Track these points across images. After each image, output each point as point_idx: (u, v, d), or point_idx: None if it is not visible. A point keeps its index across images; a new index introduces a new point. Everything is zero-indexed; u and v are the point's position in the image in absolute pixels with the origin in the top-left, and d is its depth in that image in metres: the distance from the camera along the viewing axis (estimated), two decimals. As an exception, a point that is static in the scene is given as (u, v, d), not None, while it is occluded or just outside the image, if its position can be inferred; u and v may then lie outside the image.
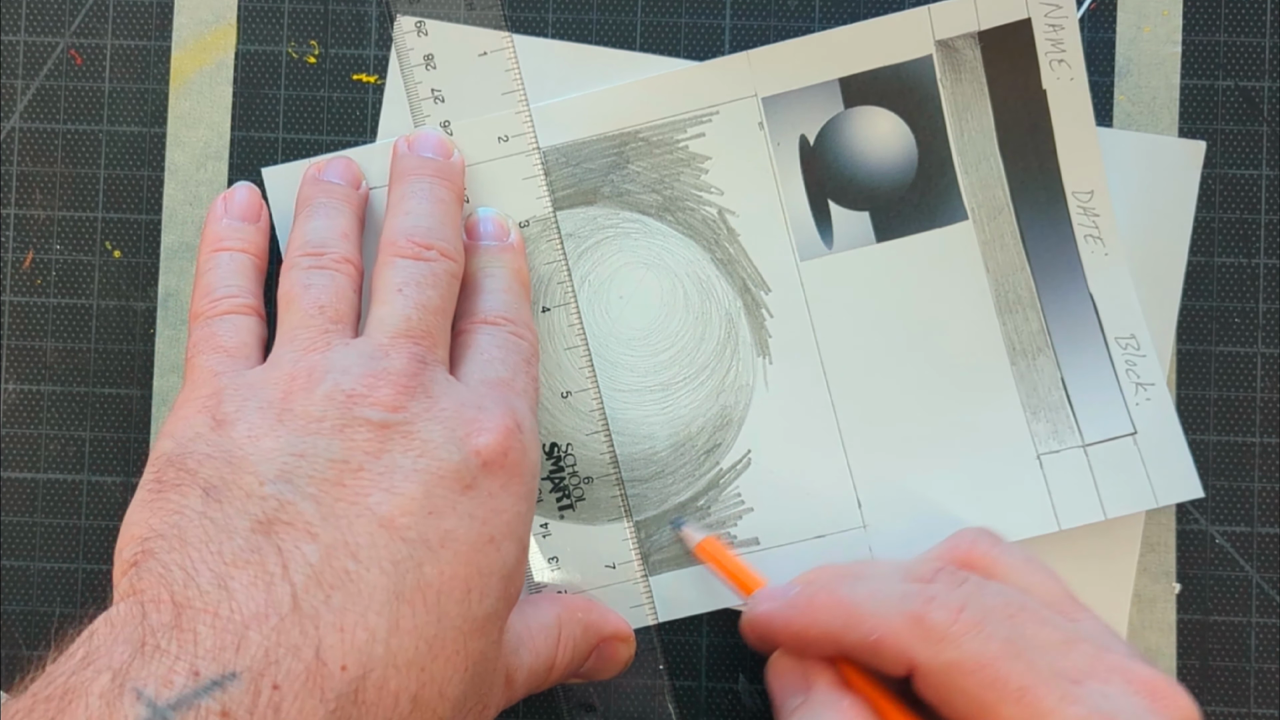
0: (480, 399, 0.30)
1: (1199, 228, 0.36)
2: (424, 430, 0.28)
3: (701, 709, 0.36)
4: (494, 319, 0.33)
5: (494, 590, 0.28)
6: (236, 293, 0.33)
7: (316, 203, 0.34)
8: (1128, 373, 0.36)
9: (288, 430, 0.28)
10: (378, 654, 0.25)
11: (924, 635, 0.28)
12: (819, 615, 0.30)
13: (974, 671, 0.27)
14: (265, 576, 0.25)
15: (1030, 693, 0.27)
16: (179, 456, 0.28)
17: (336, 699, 0.24)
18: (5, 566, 0.36)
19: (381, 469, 0.27)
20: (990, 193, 0.36)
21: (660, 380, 0.36)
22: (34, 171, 0.37)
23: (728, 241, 0.36)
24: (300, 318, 0.31)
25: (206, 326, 0.32)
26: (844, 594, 0.30)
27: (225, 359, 0.31)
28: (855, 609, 0.29)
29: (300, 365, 0.29)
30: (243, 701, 0.23)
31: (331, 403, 0.28)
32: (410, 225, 0.32)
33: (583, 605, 0.33)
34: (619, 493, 0.36)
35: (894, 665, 0.29)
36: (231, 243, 0.34)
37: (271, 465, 0.27)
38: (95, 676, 0.23)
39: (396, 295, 0.31)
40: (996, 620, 0.28)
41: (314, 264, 0.32)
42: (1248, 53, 0.36)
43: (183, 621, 0.24)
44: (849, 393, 0.36)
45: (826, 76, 0.36)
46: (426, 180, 0.33)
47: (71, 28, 0.37)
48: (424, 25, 0.36)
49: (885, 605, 0.29)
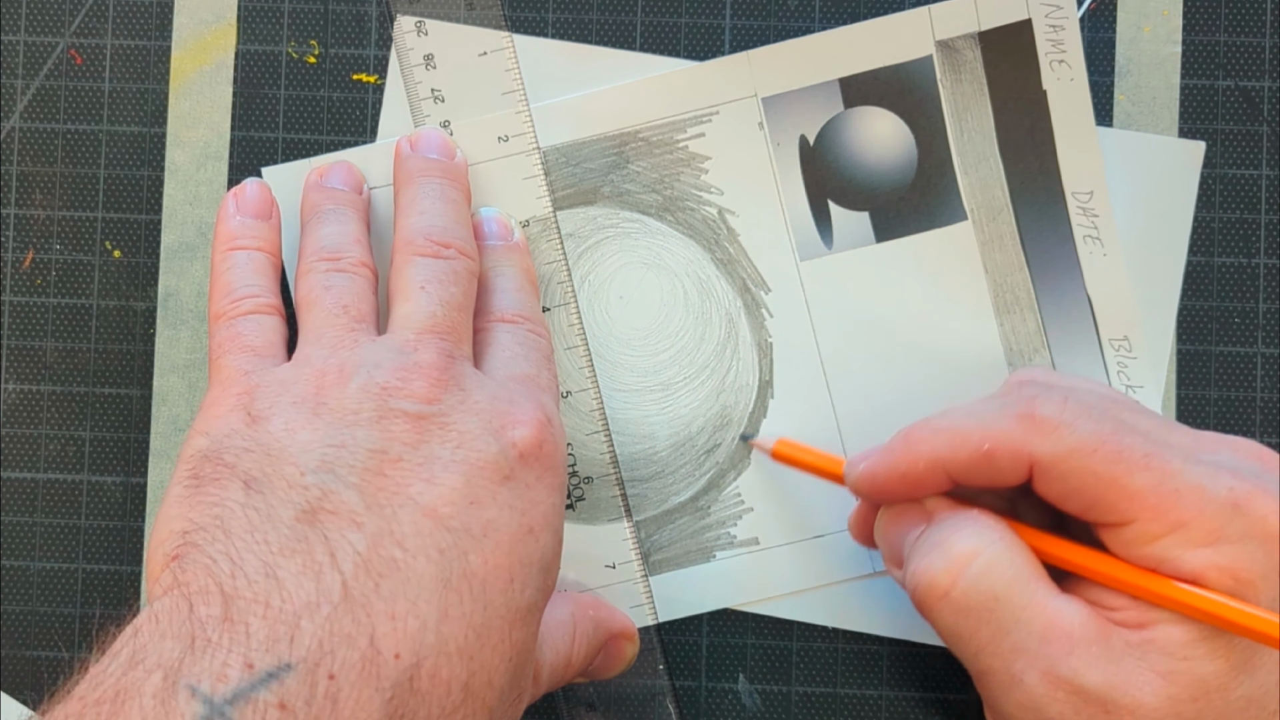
0: (510, 393, 0.30)
1: (1199, 228, 0.36)
2: (460, 422, 0.28)
3: (701, 709, 0.36)
4: (511, 317, 0.33)
5: (534, 580, 0.28)
6: (258, 292, 0.33)
7: (324, 210, 0.34)
8: (1119, 375, 0.36)
9: (324, 423, 0.28)
10: (429, 642, 0.25)
11: (1037, 428, 0.28)
12: (922, 447, 0.29)
13: (1096, 449, 0.27)
14: (314, 565, 0.25)
15: (1155, 457, 0.27)
16: (215, 452, 0.28)
17: (393, 687, 0.24)
18: (5, 566, 0.36)
19: (420, 459, 0.27)
20: (990, 193, 0.36)
21: (660, 380, 0.36)
22: (34, 171, 0.37)
23: (728, 241, 0.36)
24: (324, 317, 0.31)
25: (231, 327, 0.32)
26: (939, 422, 0.30)
27: (253, 358, 0.31)
28: (957, 428, 0.29)
29: (330, 361, 0.29)
30: (300, 693, 0.23)
31: (367, 395, 0.28)
32: (426, 225, 0.32)
33: (592, 603, 0.33)
34: (619, 493, 0.36)
35: (1011, 470, 0.29)
36: (246, 241, 0.34)
37: (311, 456, 0.27)
38: (146, 676, 0.23)
39: (420, 292, 0.31)
40: (1100, 405, 0.29)
41: (332, 267, 0.32)
42: (1248, 53, 0.36)
43: (233, 613, 0.24)
44: (848, 392, 0.36)
45: (826, 76, 0.36)
46: (436, 181, 0.34)
47: (71, 28, 0.37)
48: (424, 25, 0.36)
49: (987, 416, 0.29)
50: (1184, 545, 0.27)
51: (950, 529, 0.29)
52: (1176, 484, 0.27)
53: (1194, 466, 0.27)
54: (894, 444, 0.30)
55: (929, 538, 0.29)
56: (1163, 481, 0.27)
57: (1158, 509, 0.27)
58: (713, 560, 0.36)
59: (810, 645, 0.36)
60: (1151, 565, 0.27)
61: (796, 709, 0.36)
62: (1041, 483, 0.28)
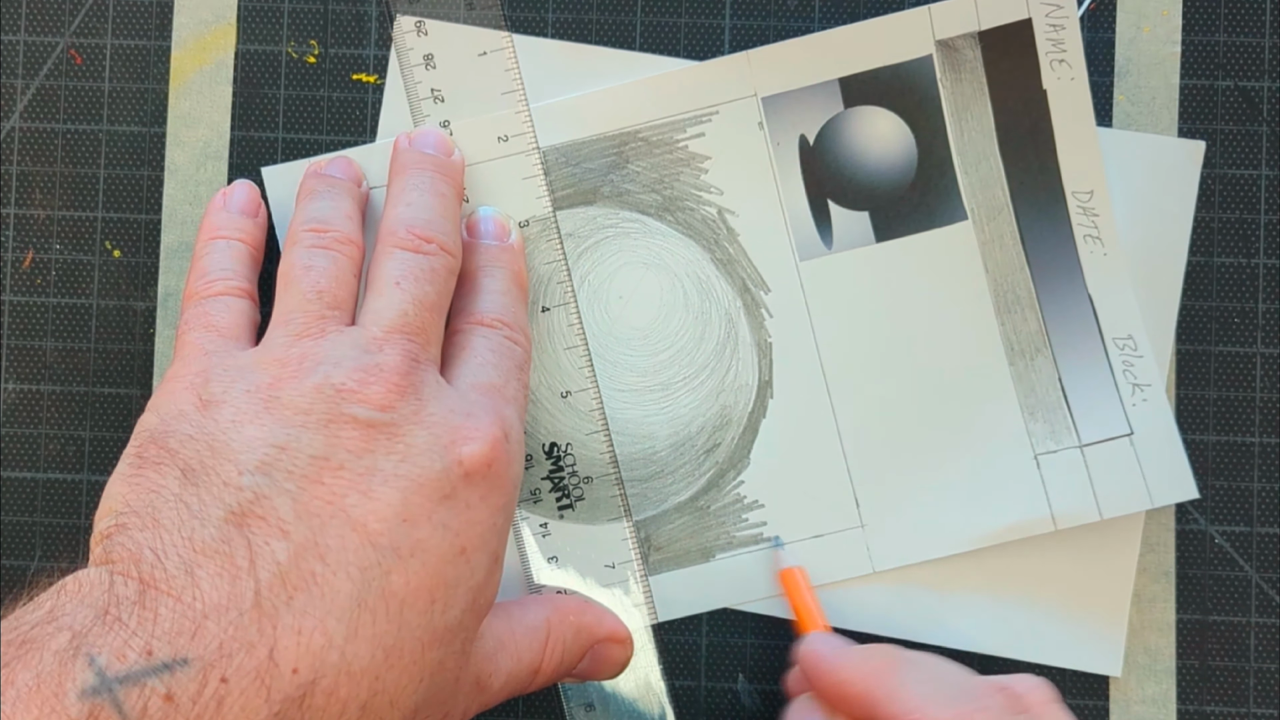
0: (470, 405, 0.29)
1: (1199, 228, 0.36)
2: (409, 434, 0.28)
3: (701, 709, 0.36)
4: (490, 321, 0.33)
5: (459, 602, 0.28)
6: (231, 276, 0.33)
7: (320, 189, 0.34)
8: (1125, 373, 0.36)
9: (273, 419, 0.28)
10: (331, 660, 0.25)
11: None
12: (869, 677, 0.30)
13: None
14: (232, 569, 0.25)
15: None
16: (161, 434, 0.28)
17: (282, 701, 0.25)
18: (5, 566, 0.36)
19: (362, 469, 0.27)
20: (990, 193, 0.36)
21: (660, 380, 0.36)
22: (34, 171, 0.37)
23: (727, 241, 0.36)
24: (298, 300, 0.31)
25: (199, 305, 0.32)
26: (900, 668, 0.30)
27: (216, 338, 0.31)
28: (904, 687, 0.29)
29: (293, 351, 0.29)
30: (188, 689, 0.24)
31: (320, 395, 0.28)
32: (410, 216, 0.32)
33: (576, 607, 0.33)
34: (619, 492, 0.36)
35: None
36: (228, 232, 0.34)
37: (252, 454, 0.27)
38: (55, 633, 0.24)
39: (394, 289, 0.31)
40: None
41: (316, 241, 0.32)
42: (1247, 53, 0.36)
43: (146, 599, 0.25)
44: (848, 392, 0.36)
45: (826, 76, 0.36)
46: (428, 174, 0.33)
47: (71, 28, 0.37)
48: (424, 25, 0.36)
49: (935, 696, 0.29)
50: None
51: None
52: None
53: None
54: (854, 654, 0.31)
55: None
56: None
57: None
58: (712, 560, 0.36)
59: (810, 645, 0.36)
60: None
61: (796, 709, 0.36)
62: None
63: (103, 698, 0.23)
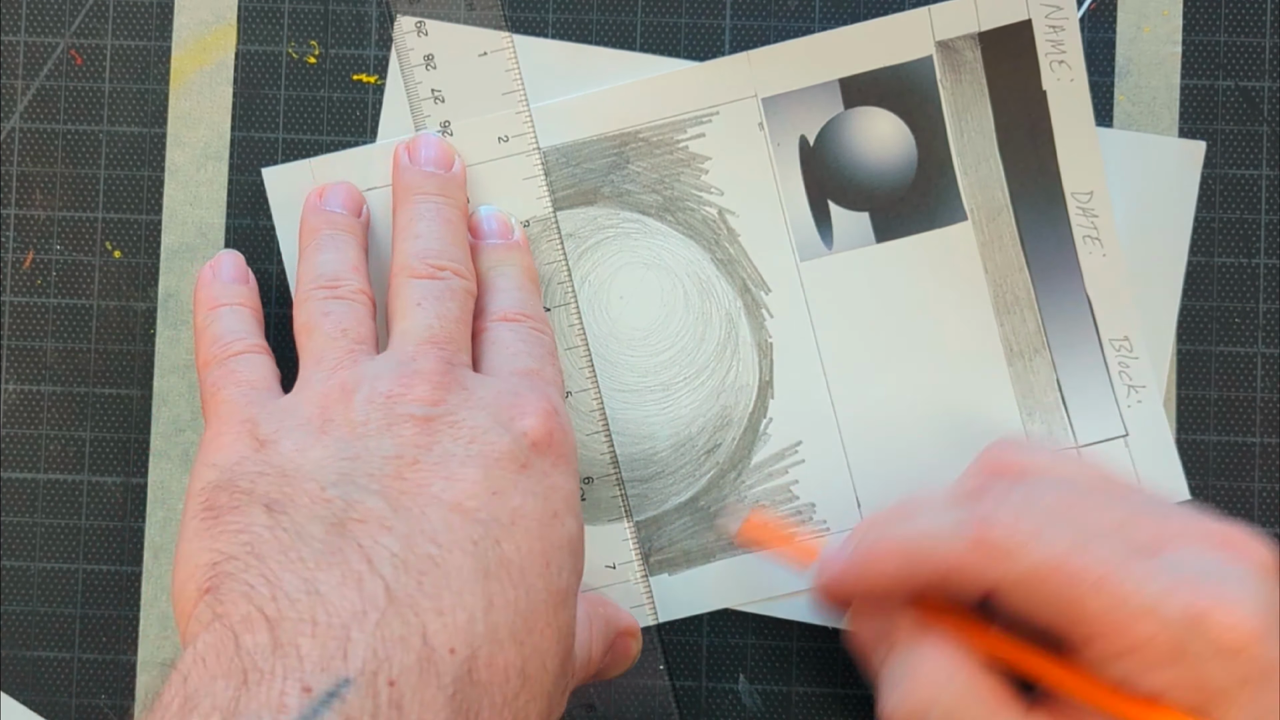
0: (515, 386, 0.30)
1: (1199, 228, 0.36)
2: (469, 418, 0.28)
3: (701, 709, 0.36)
4: (513, 315, 0.33)
5: (567, 563, 0.28)
6: (246, 335, 0.32)
7: (323, 235, 0.33)
8: (1120, 375, 0.36)
9: (334, 439, 0.27)
10: (480, 632, 0.25)
11: (989, 555, 0.28)
12: (883, 564, 0.29)
13: (1048, 576, 0.27)
14: (353, 574, 0.25)
15: (1108, 579, 0.27)
16: (228, 481, 0.27)
17: (454, 682, 0.24)
18: (5, 566, 0.36)
19: (436, 459, 0.27)
20: (990, 193, 0.36)
21: (660, 380, 0.36)
22: (34, 171, 0.37)
23: (728, 242, 0.36)
24: (324, 341, 0.31)
25: (223, 366, 0.31)
26: (901, 535, 0.29)
27: (250, 390, 0.30)
28: (916, 548, 0.29)
29: (331, 383, 0.29)
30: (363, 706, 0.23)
31: (372, 406, 0.28)
32: (422, 248, 0.32)
33: (600, 600, 0.33)
34: (619, 493, 0.36)
35: (970, 591, 0.28)
36: (228, 299, 0.33)
37: (328, 471, 0.27)
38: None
39: (416, 309, 0.31)
40: (1055, 518, 0.28)
41: (330, 295, 0.32)
42: (1248, 53, 0.36)
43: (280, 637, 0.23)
44: (848, 392, 0.36)
45: (826, 77, 0.36)
46: (432, 201, 0.33)
47: (71, 28, 0.37)
48: (424, 25, 0.36)
49: (943, 536, 0.29)
50: (1143, 666, 0.26)
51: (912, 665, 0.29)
52: (1131, 606, 0.26)
53: (1150, 584, 0.26)
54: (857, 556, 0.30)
55: (893, 671, 0.29)
56: (1116, 606, 0.27)
57: (1110, 635, 0.27)
58: (713, 560, 0.36)
59: (810, 645, 0.36)
60: (1115, 684, 0.27)
61: (796, 709, 0.36)
62: (1000, 602, 0.28)
63: None
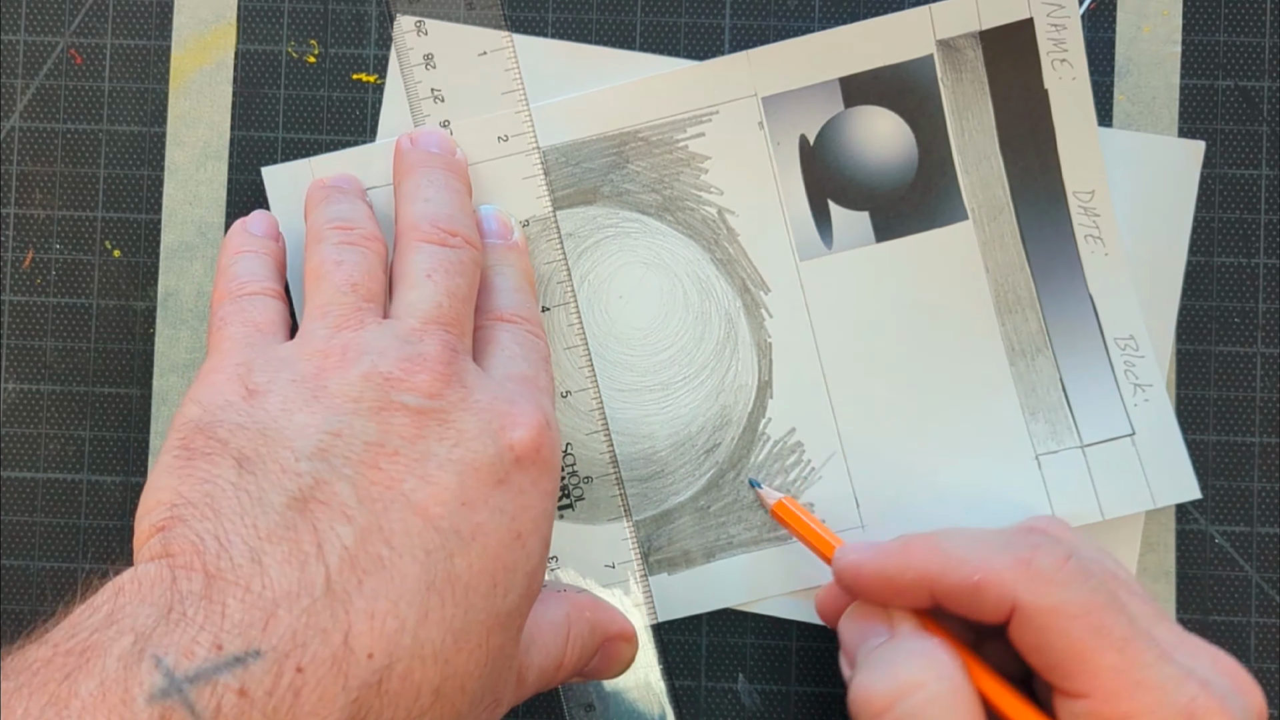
0: (511, 393, 0.30)
1: (1199, 228, 0.36)
2: (460, 420, 0.28)
3: (701, 709, 0.36)
4: (510, 317, 0.33)
5: (518, 586, 0.28)
6: (264, 279, 0.33)
7: (334, 194, 0.34)
8: (1126, 374, 0.36)
9: (323, 407, 0.27)
10: (405, 644, 0.25)
11: (1030, 576, 0.28)
12: (915, 559, 0.30)
13: (1079, 616, 0.27)
14: (300, 554, 0.25)
15: (1132, 643, 0.27)
16: (209, 425, 0.27)
17: (360, 687, 0.24)
18: (5, 566, 0.36)
19: (417, 455, 0.27)
20: (990, 192, 0.36)
21: (660, 380, 0.36)
22: (34, 171, 0.37)
23: (727, 241, 0.36)
24: (332, 293, 0.30)
25: (235, 303, 0.31)
26: (942, 541, 0.30)
27: (254, 332, 0.30)
28: (955, 552, 0.29)
29: (334, 342, 0.29)
30: (263, 682, 0.23)
31: (369, 384, 0.28)
32: (433, 211, 0.32)
33: (589, 604, 0.33)
34: (619, 492, 0.36)
35: (995, 607, 0.28)
36: (254, 247, 0.34)
37: (307, 441, 0.27)
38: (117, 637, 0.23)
39: (426, 280, 0.31)
40: (1099, 575, 0.28)
41: (344, 238, 0.32)
42: (1248, 53, 0.36)
43: (212, 592, 0.24)
44: (848, 393, 0.36)
45: (826, 76, 0.36)
46: (439, 171, 0.33)
47: (71, 27, 0.37)
48: (424, 25, 0.36)
49: (988, 550, 0.29)
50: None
51: (905, 653, 0.29)
52: (1141, 677, 0.27)
53: (1165, 666, 0.27)
54: (890, 547, 0.30)
55: (882, 653, 0.29)
56: (1129, 670, 0.27)
57: (1113, 694, 0.27)
58: (712, 560, 0.36)
59: (810, 645, 0.36)
60: None
61: (796, 709, 0.36)
62: (1017, 629, 0.28)
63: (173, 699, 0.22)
